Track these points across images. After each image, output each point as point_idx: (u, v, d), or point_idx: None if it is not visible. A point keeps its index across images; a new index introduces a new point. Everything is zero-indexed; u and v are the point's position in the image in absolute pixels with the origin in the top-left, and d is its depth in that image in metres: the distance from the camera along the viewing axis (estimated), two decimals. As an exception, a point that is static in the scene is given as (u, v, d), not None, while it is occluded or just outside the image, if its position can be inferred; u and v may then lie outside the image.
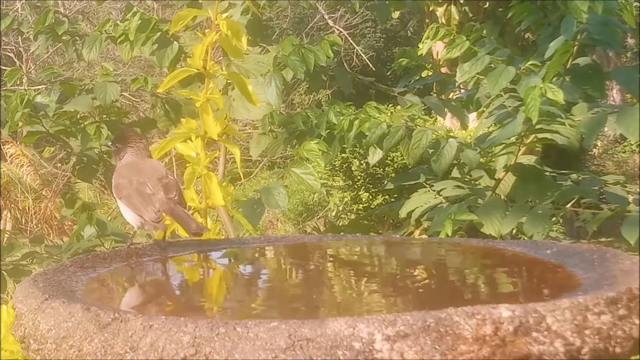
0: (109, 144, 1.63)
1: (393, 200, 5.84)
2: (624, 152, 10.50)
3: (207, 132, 1.93)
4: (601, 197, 2.28)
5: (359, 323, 0.79)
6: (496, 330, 0.79)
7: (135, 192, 1.42)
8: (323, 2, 9.01)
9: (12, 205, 6.86)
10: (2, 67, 7.40)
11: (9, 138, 6.58)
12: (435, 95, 2.82)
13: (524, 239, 2.09)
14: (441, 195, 2.41)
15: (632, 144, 10.02)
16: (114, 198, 1.53)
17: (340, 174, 7.40)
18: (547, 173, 2.30)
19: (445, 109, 2.71)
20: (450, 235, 2.11)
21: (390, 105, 3.64)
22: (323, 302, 1.11)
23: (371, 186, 7.15)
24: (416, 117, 2.65)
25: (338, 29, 12.17)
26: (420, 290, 1.17)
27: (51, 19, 3.25)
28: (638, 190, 2.32)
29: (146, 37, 2.97)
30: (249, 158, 5.44)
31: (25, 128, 3.24)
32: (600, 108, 2.11)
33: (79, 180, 3.20)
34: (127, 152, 1.51)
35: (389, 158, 6.49)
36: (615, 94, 10.93)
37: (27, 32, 3.66)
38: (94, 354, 0.86)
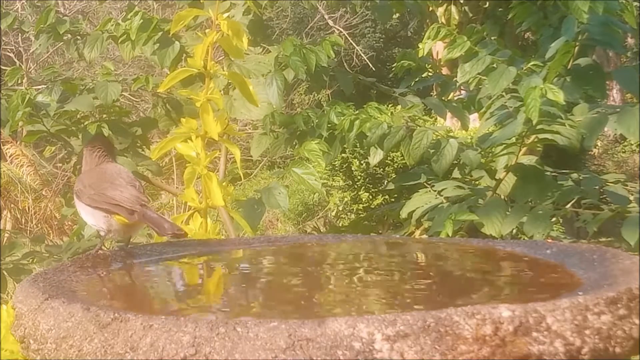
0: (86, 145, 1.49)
1: (393, 200, 5.85)
2: (624, 152, 10.51)
3: (208, 132, 1.93)
4: (602, 197, 2.28)
5: (359, 323, 0.79)
6: (496, 330, 0.79)
7: (107, 187, 1.37)
8: (323, 2, 9.01)
9: (12, 205, 6.86)
10: (2, 67, 7.40)
11: (9, 138, 6.58)
12: (436, 96, 2.82)
13: (524, 239, 2.09)
14: (442, 196, 2.41)
15: (632, 144, 10.02)
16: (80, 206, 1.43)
17: (340, 174, 7.41)
18: (548, 173, 2.30)
19: (446, 110, 2.72)
20: (450, 235, 2.11)
21: (390, 106, 3.64)
22: (323, 301, 1.11)
23: (371, 186, 7.16)
24: (417, 117, 2.65)
25: (338, 29, 12.18)
26: (420, 290, 1.17)
27: (52, 18, 3.25)
28: (639, 189, 2.32)
29: (147, 36, 2.97)
30: (249, 158, 5.44)
31: (26, 127, 3.24)
32: (601, 108, 2.11)
33: (80, 180, 3.18)
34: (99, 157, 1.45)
35: (389, 158, 6.51)
36: (615, 94, 10.94)
37: (28, 32, 3.66)
38: (94, 354, 0.86)
